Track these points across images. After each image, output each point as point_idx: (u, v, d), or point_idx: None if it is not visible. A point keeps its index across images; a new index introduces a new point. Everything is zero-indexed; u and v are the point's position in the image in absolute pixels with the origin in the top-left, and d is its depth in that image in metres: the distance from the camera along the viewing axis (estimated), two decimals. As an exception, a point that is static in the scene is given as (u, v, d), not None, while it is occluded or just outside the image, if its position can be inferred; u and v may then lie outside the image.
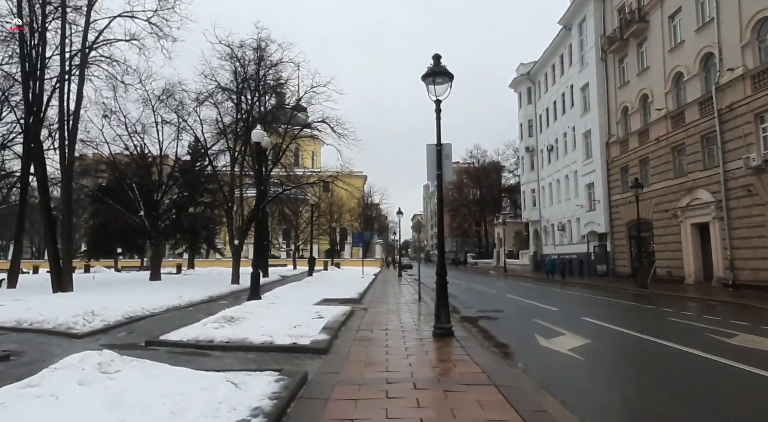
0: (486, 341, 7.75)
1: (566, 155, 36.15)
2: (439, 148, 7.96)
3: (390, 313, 10.83)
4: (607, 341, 7.98)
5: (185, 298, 13.42)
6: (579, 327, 9.32)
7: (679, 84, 22.70)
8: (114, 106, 21.88)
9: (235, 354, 6.36)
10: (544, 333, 8.47)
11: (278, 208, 34.16)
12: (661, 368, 6.08)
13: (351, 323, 9.10)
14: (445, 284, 7.74)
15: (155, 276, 22.70)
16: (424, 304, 13.00)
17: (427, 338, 7.51)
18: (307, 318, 9.06)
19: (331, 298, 13.26)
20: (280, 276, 29.56)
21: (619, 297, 16.58)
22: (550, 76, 39.58)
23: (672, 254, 22.62)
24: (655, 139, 23.87)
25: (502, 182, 67.71)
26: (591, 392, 5.05)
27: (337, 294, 14.69)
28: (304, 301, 12.04)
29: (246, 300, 12.26)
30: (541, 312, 12.17)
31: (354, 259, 56.06)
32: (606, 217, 29.04)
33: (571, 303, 14.82)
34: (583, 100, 32.29)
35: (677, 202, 22.01)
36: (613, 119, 28.79)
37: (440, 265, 7.85)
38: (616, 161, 28.22)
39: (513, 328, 9.59)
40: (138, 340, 7.42)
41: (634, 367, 6.28)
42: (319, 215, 52.61)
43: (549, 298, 16.40)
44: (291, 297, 13.01)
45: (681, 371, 5.89)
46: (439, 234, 8.02)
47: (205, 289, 16.69)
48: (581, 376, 5.70)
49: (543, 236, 42.15)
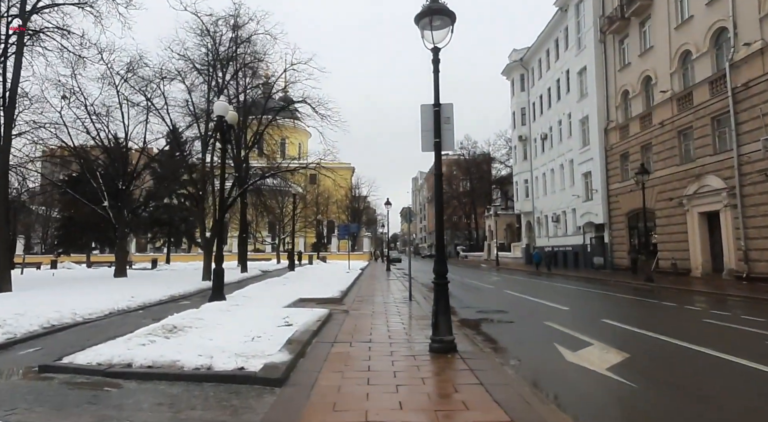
0: (497, 356, 6.05)
1: (561, 143, 34.68)
2: (437, 109, 6.19)
3: (376, 317, 9.09)
4: (650, 354, 6.34)
5: (139, 299, 11.55)
6: (603, 333, 7.70)
7: (686, 63, 21.20)
8: (73, 85, 19.74)
9: (155, 385, 4.56)
10: (565, 343, 6.81)
11: (260, 199, 32.11)
12: (760, 399, 4.44)
13: (326, 332, 7.35)
14: (445, 285, 6.01)
15: (120, 272, 20.68)
16: (416, 304, 11.30)
17: (423, 354, 5.79)
18: (272, 326, 7.28)
19: (308, 298, 11.48)
20: (260, 272, 27.67)
21: (628, 293, 15.09)
22: (545, 62, 37.98)
23: (677, 245, 21.25)
24: (659, 123, 22.40)
25: (493, 173, 66.26)
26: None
27: (317, 292, 12.92)
28: (275, 302, 10.25)
29: (208, 302, 10.43)
30: (550, 312, 10.55)
31: (341, 253, 54.20)
32: (604, 207, 27.64)
33: (581, 301, 13.25)
34: (580, 85, 30.76)
35: (683, 189, 20.60)
36: (612, 104, 27.30)
37: (439, 261, 6.12)
38: (615, 148, 26.77)
39: (525, 336, 7.93)
40: (40, 361, 5.57)
41: (717, 399, 4.56)
42: (304, 207, 50.65)
43: (553, 295, 14.83)
44: (261, 298, 11.21)
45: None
46: (438, 223, 6.27)
47: (169, 287, 14.84)
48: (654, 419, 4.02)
49: (536, 228, 40.79)
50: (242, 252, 26.15)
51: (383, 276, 24.57)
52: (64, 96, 20.59)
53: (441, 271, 6.04)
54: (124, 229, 20.91)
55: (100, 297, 10.98)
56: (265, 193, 32.72)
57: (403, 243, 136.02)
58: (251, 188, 30.79)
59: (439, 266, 6.06)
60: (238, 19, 18.46)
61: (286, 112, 21.29)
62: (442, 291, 5.98)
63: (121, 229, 20.81)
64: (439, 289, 5.99)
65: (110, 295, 11.59)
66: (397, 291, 14.95)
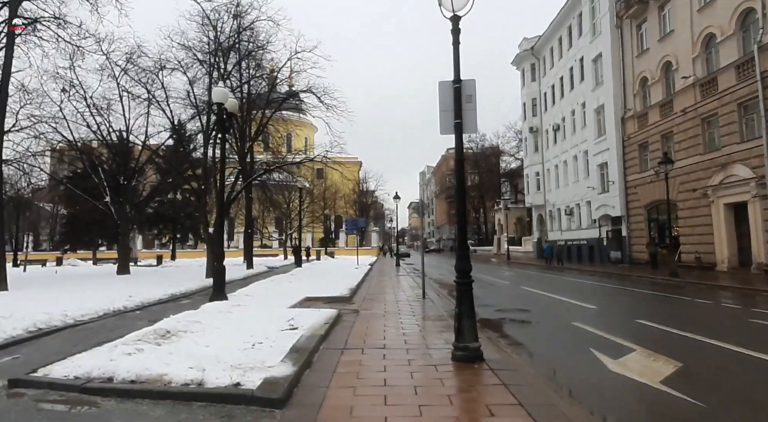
0: (529, 366, 5.32)
1: (575, 134, 33.65)
2: (458, 86, 5.44)
3: (388, 318, 8.39)
4: (706, 363, 5.57)
5: (137, 298, 10.96)
6: (641, 336, 6.94)
7: (710, 47, 20.15)
8: (72, 78, 19.21)
9: (136, 405, 3.90)
10: (603, 348, 6.07)
11: (265, 193, 31.53)
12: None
13: (335, 337, 6.66)
14: (469, 285, 5.30)
15: (123, 269, 20.20)
16: (430, 303, 10.59)
17: (445, 364, 5.08)
18: (275, 329, 6.62)
19: (314, 297, 10.82)
20: (267, 268, 27.11)
21: (654, 289, 14.26)
22: (557, 50, 36.85)
23: (700, 238, 20.30)
24: (681, 111, 21.38)
25: (502, 166, 65.17)
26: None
27: (325, 290, 12.27)
28: (280, 302, 9.59)
29: (209, 301, 9.80)
30: (576, 311, 9.80)
31: (349, 248, 53.62)
32: (621, 199, 26.67)
33: (606, 298, 12.45)
34: (595, 73, 29.68)
35: (707, 179, 19.63)
36: (629, 92, 26.24)
37: (462, 258, 5.38)
38: (633, 138, 25.75)
39: (555, 339, 7.19)
40: (14, 373, 4.93)
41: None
42: (311, 201, 50.08)
43: (573, 291, 14.05)
44: (265, 297, 10.56)
45: None
46: (459, 215, 5.54)
47: (171, 285, 14.27)
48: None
49: (548, 221, 39.83)
50: (248, 249, 25.62)
51: (393, 271, 23.89)
52: (63, 89, 20.10)
53: (464, 269, 5.31)
54: (126, 225, 20.41)
55: (96, 297, 10.41)
56: (270, 188, 32.18)
57: (411, 238, 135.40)
58: (256, 183, 30.28)
59: (462, 263, 5.33)
60: (239, 6, 17.76)
61: (290, 103, 20.54)
62: (465, 292, 5.26)
63: (123, 225, 20.31)
64: (463, 290, 5.27)
65: (108, 294, 11.02)
66: (409, 288, 14.25)
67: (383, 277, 19.34)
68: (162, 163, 24.81)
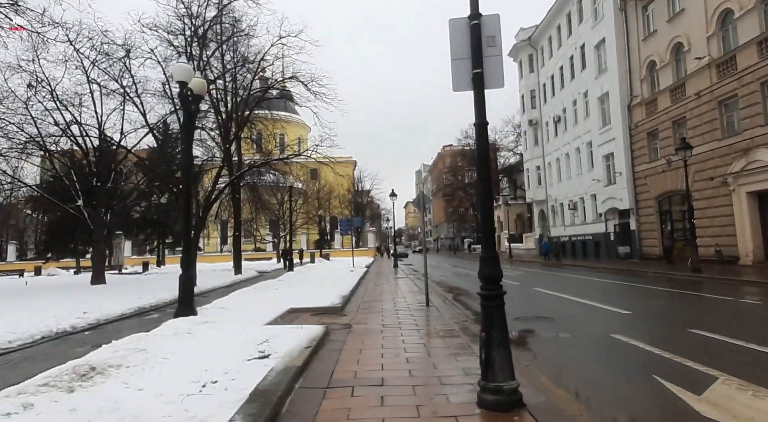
0: (587, 410, 3.79)
1: (577, 125, 32.25)
2: (476, 23, 3.92)
3: (387, 334, 6.86)
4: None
5: (93, 315, 9.37)
6: (711, 354, 5.45)
7: (726, 24, 18.76)
8: (36, 71, 17.60)
9: None
10: (671, 375, 4.57)
11: (255, 194, 29.90)
12: None
13: (317, 367, 5.12)
14: (499, 299, 3.78)
15: (98, 278, 18.55)
16: (435, 312, 9.06)
17: (469, 414, 3.56)
18: (240, 358, 5.08)
19: (300, 308, 9.27)
20: (257, 273, 25.50)
21: (681, 287, 12.80)
22: (555, 39, 35.45)
23: (720, 230, 18.89)
24: (695, 94, 19.97)
25: (500, 162, 63.72)
26: None
27: (314, 298, 10.72)
28: (258, 317, 8.03)
29: (173, 317, 8.24)
30: (608, 318, 8.32)
31: (345, 250, 52.00)
32: (630, 191, 25.26)
33: (635, 301, 10.95)
34: (598, 60, 28.29)
35: (727, 167, 18.23)
36: (635, 77, 24.84)
37: (488, 261, 3.84)
38: (641, 126, 24.35)
39: (602, 363, 5.66)
40: None
41: None
42: (305, 201, 48.48)
43: (594, 292, 12.57)
44: (242, 309, 9.00)
45: None
46: (483, 199, 4.04)
47: (142, 296, 12.69)
48: None
49: (550, 217, 38.42)
50: (237, 253, 24.01)
51: (391, 273, 22.36)
52: (30, 84, 18.49)
53: (492, 276, 3.79)
54: (100, 231, 18.75)
55: (39, 315, 8.81)
56: (260, 189, 30.60)
57: (408, 238, 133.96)
58: (245, 183, 28.68)
59: (489, 268, 3.81)
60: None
61: (277, 93, 18.93)
62: (495, 310, 3.74)
63: (96, 231, 18.66)
64: (492, 306, 3.75)
65: (57, 310, 9.43)
66: (409, 293, 12.71)
67: (381, 281, 17.81)
68: (140, 163, 23.13)
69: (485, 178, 3.99)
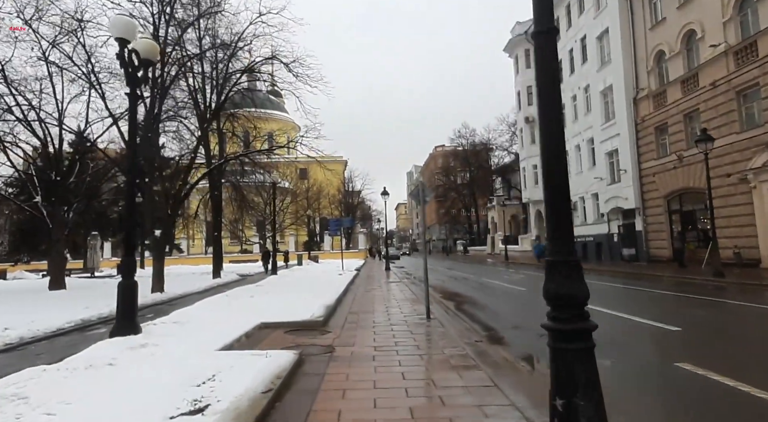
0: None
1: (576, 121, 30.90)
2: None
3: (381, 366, 5.17)
4: None
5: (17, 331, 7.59)
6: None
7: (745, 7, 17.42)
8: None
9: None
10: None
11: (238, 192, 28.04)
12: None
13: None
14: (586, 336, 2.10)
15: (56, 283, 16.61)
16: (438, 326, 7.41)
17: None
18: (160, 417, 3.36)
19: (274, 323, 7.54)
20: (238, 276, 23.67)
21: (717, 294, 11.30)
22: (553, 32, 34.06)
23: (739, 230, 17.49)
24: (710, 85, 18.60)
25: (494, 162, 62.44)
26: None
27: (293, 307, 9.00)
28: (217, 334, 6.31)
29: (109, 337, 6.50)
30: (657, 336, 6.74)
31: (335, 251, 50.19)
32: (636, 190, 23.85)
33: (673, 312, 9.38)
34: (600, 52, 26.93)
35: (746, 162, 16.86)
36: (642, 69, 23.48)
37: (563, 269, 2.18)
38: (648, 120, 22.97)
39: (687, 413, 4.02)
40: None
41: None
42: (292, 201, 46.63)
43: (616, 300, 11.02)
44: (201, 325, 7.24)
45: None
46: (549, 154, 2.43)
47: (94, 306, 10.85)
48: None
49: (548, 217, 36.98)
50: (216, 255, 22.13)
51: (382, 277, 20.68)
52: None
53: (571, 295, 2.13)
54: (60, 230, 16.82)
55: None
56: (244, 188, 28.79)
57: (399, 240, 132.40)
58: (227, 180, 26.81)
59: (567, 280, 2.15)
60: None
61: (254, 76, 17.15)
62: (581, 358, 2.07)
63: (56, 230, 16.74)
64: (574, 351, 2.08)
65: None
66: (405, 301, 11.04)
67: (372, 286, 16.11)
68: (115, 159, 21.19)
69: (555, 118, 2.36)
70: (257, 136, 25.28)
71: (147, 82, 7.20)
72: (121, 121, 16.37)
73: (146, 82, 7.18)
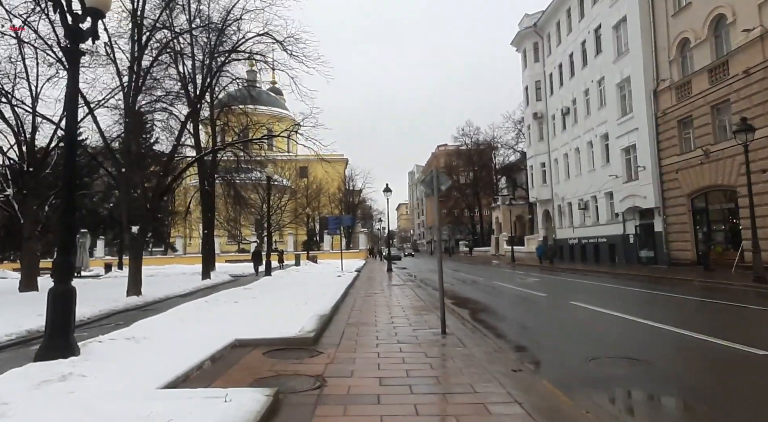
0: None
1: (589, 117, 29.37)
2: None
3: (389, 412, 3.66)
4: None
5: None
6: None
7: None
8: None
9: None
10: None
11: (232, 188, 26.60)
12: None
13: None
14: None
15: (27, 284, 15.13)
16: (457, 345, 5.89)
17: None
18: None
19: (251, 339, 6.02)
20: (230, 277, 22.17)
21: (760, 303, 9.78)
22: (564, 24, 32.62)
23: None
24: (743, 72, 17.07)
25: (499, 160, 60.83)
26: None
27: (280, 318, 7.52)
28: (174, 358, 4.81)
29: (35, 358, 5.01)
30: (732, 361, 5.22)
31: (335, 252, 48.71)
32: (655, 188, 22.31)
33: (731, 325, 7.88)
34: (617, 42, 25.42)
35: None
36: (663, 59, 21.95)
37: None
38: (670, 113, 21.44)
39: None
40: None
41: None
42: (290, 199, 45.13)
43: (656, 310, 9.52)
44: (160, 343, 5.74)
45: None
46: None
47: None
48: None
49: (557, 217, 35.51)
50: (207, 254, 20.64)
51: (384, 279, 19.17)
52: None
53: None
54: (32, 226, 15.33)
55: None
56: (240, 185, 27.37)
57: (400, 240, 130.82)
58: (220, 176, 25.41)
59: None
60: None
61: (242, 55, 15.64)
62: None
63: (27, 226, 15.25)
64: None
65: None
66: (411, 309, 9.53)
67: (373, 289, 14.60)
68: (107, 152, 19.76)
69: None
70: (253, 129, 23.86)
71: (96, 36, 5.68)
72: (102, 110, 14.95)
73: (94, 37, 5.65)
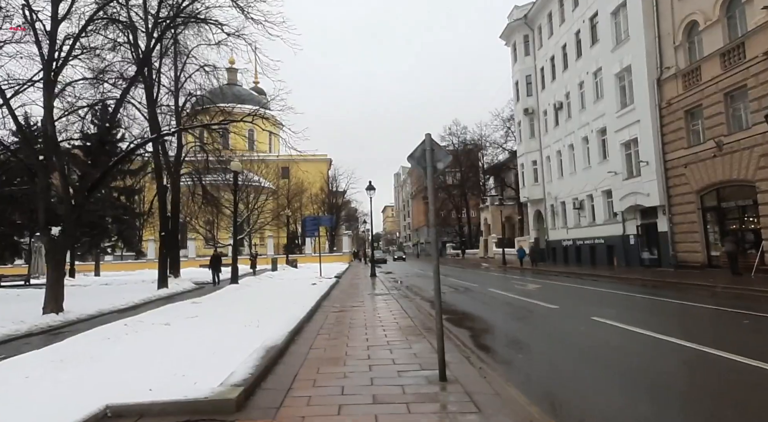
0: None
1: (584, 111, 27.69)
2: None
3: None
4: None
5: None
6: None
7: (811, -42, 14.26)
8: None
9: None
10: None
11: (200, 189, 24.21)
12: None
13: None
14: None
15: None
16: (465, 403, 3.74)
17: None
18: None
19: (130, 407, 3.78)
20: (194, 285, 19.78)
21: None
22: (557, 14, 30.96)
23: (802, 231, 14.29)
24: (763, 54, 15.38)
25: (487, 160, 59.10)
26: None
27: (210, 352, 5.31)
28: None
29: None
30: None
31: (317, 255, 46.36)
32: (660, 184, 20.59)
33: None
34: (616, 29, 23.74)
35: (814, 146, 13.66)
36: (667, 45, 20.27)
37: None
38: (675, 103, 19.75)
39: None
40: None
41: None
42: (267, 198, 42.63)
43: (683, 325, 7.53)
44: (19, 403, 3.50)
45: None
46: None
47: None
48: None
49: (549, 218, 33.78)
50: (166, 259, 18.14)
51: (366, 287, 16.99)
52: None
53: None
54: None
55: None
56: (212, 185, 25.05)
57: (386, 243, 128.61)
58: (187, 172, 23.10)
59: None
60: None
61: (199, 17, 13.35)
62: None
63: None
64: None
65: None
66: (397, 332, 7.37)
67: (351, 301, 12.39)
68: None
69: None
70: (231, 126, 21.59)
71: None
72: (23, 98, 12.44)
73: None
